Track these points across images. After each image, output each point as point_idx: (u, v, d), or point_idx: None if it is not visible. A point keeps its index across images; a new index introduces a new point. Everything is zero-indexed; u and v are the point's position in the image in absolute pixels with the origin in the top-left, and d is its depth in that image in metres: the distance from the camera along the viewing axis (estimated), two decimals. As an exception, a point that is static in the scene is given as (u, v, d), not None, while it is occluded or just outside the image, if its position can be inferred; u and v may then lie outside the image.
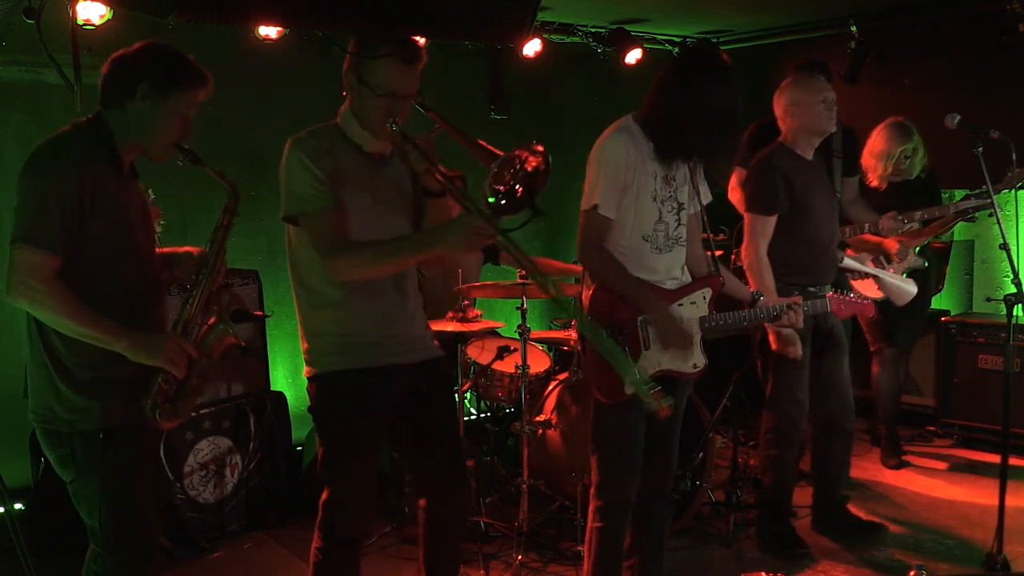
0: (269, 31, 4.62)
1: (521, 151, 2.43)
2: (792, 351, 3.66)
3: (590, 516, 3.04)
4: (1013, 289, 3.55)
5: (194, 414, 4.05)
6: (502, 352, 4.18)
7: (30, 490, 4.00)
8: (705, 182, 3.06)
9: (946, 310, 5.75)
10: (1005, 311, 3.58)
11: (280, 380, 5.08)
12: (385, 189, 2.65)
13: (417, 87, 2.59)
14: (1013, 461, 4.21)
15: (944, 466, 5.09)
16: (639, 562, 3.13)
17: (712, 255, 3.13)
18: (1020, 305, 3.55)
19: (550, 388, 4.26)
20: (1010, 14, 4.96)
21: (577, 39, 5.88)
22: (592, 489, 3.04)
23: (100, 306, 2.36)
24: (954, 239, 5.69)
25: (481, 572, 3.75)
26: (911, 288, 4.37)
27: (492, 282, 4.38)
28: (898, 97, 4.17)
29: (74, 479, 2.45)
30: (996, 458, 4.31)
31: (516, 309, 4.08)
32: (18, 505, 3.99)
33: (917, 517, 4.35)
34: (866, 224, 4.40)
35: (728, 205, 4.72)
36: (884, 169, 4.69)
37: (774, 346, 3.69)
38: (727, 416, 4.40)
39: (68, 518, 2.72)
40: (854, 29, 5.58)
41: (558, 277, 4.90)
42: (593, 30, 5.89)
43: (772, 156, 3.74)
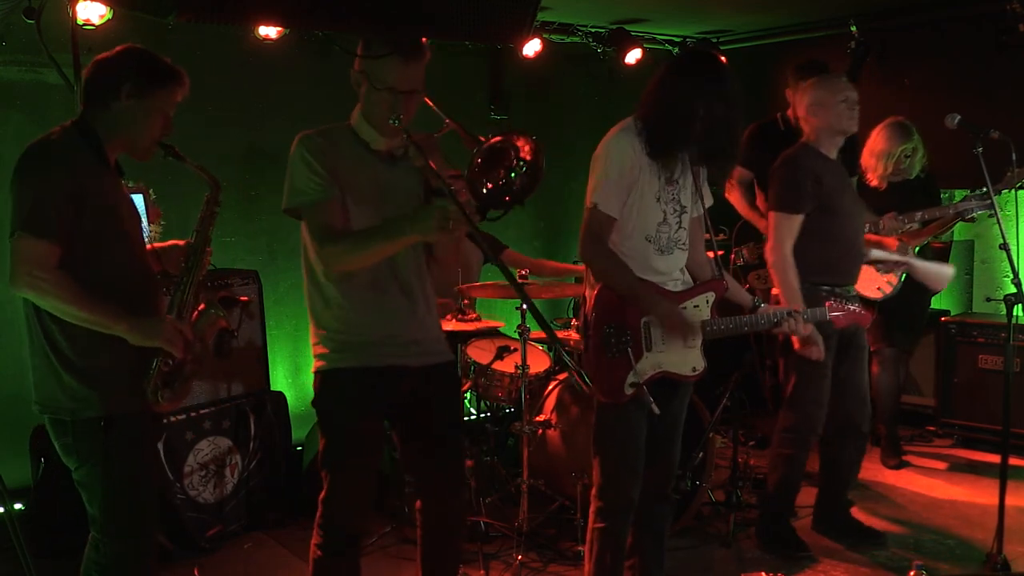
0: (269, 31, 4.61)
1: (513, 143, 2.41)
2: (815, 352, 3.62)
3: (591, 517, 3.04)
4: (1013, 289, 3.55)
5: (194, 414, 4.06)
6: (502, 352, 4.18)
7: (30, 490, 4.00)
8: (707, 184, 3.06)
9: (946, 310, 5.75)
10: (1005, 311, 3.58)
11: (280, 380, 5.08)
12: (390, 187, 2.65)
13: (419, 84, 2.60)
14: (1013, 461, 4.21)
15: (944, 466, 5.09)
16: (640, 562, 3.14)
17: (716, 258, 3.13)
18: (1020, 305, 3.55)
19: (550, 388, 4.26)
20: (1010, 14, 4.96)
21: (577, 39, 5.88)
22: (593, 490, 3.03)
23: (102, 292, 2.44)
24: (954, 239, 5.70)
25: (481, 572, 3.75)
26: (949, 270, 4.26)
27: (492, 282, 4.38)
28: (898, 97, 4.17)
29: (78, 467, 2.52)
30: (996, 458, 4.31)
31: (516, 309, 4.08)
32: (18, 505, 3.99)
33: (917, 517, 4.35)
34: (866, 224, 4.39)
35: (728, 205, 4.72)
36: (884, 169, 4.69)
37: (796, 346, 3.66)
38: (727, 416, 4.39)
39: (68, 518, 2.73)
40: (854, 29, 5.58)
41: (558, 277, 4.91)
42: (593, 30, 5.89)
43: (799, 156, 3.73)
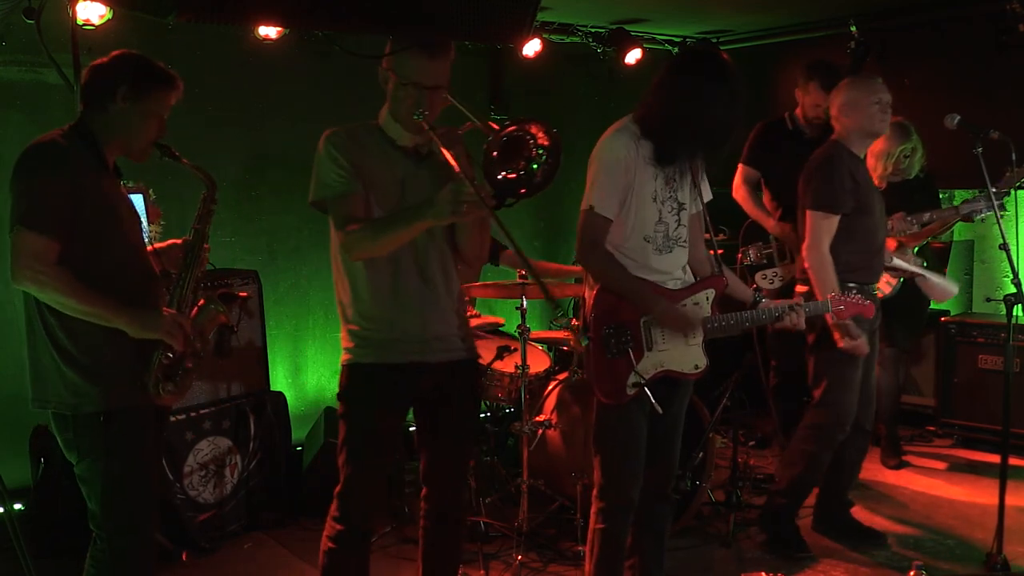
0: (269, 31, 4.61)
1: (528, 131, 2.41)
2: (861, 347, 3.64)
3: (592, 517, 3.04)
4: (1013, 289, 3.55)
5: (194, 414, 4.06)
6: (502, 352, 4.18)
7: (30, 490, 4.00)
8: (706, 181, 3.06)
9: (946, 310, 5.74)
10: (1005, 311, 3.58)
11: (280, 380, 5.08)
12: (415, 182, 2.67)
13: (444, 80, 2.64)
14: (1013, 461, 4.22)
15: (944, 466, 5.09)
16: (640, 562, 3.13)
17: (715, 255, 3.12)
18: (1020, 305, 3.55)
19: (550, 388, 4.26)
20: (1010, 14, 4.96)
21: (577, 39, 5.88)
22: (594, 491, 3.03)
23: (101, 287, 2.48)
24: (954, 239, 5.70)
25: (481, 572, 3.75)
26: (954, 287, 4.35)
27: (492, 282, 4.38)
28: (898, 97, 4.13)
29: (78, 462, 2.55)
30: (996, 458, 4.31)
31: (516, 309, 4.08)
32: (18, 505, 3.99)
33: (917, 517, 4.35)
34: None
35: (728, 204, 4.72)
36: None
37: (841, 344, 3.66)
38: (727, 416, 4.40)
39: (68, 518, 2.73)
40: (854, 29, 5.58)
41: (557, 278, 4.90)
42: (593, 30, 5.89)
43: (836, 155, 3.71)
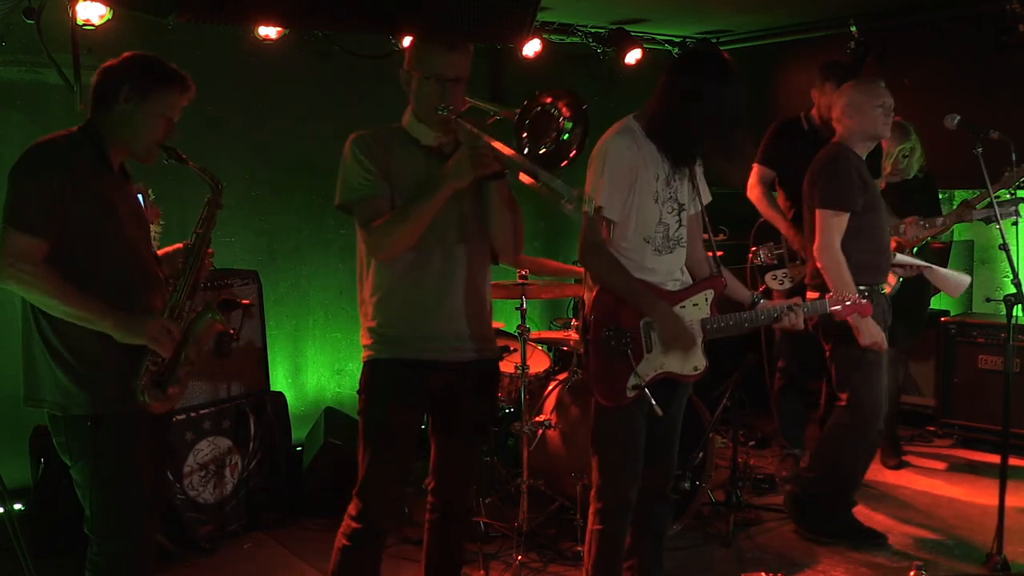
0: (269, 31, 4.61)
1: (553, 105, 2.44)
2: (882, 342, 3.65)
3: (590, 518, 3.04)
4: (1013, 289, 3.55)
5: (194, 414, 4.06)
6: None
7: (30, 490, 4.00)
8: (704, 182, 3.06)
9: (946, 310, 5.74)
10: (1005, 311, 3.58)
11: (280, 380, 5.08)
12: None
13: (464, 73, 2.65)
14: (1013, 461, 4.21)
15: (944, 466, 5.09)
16: (639, 562, 3.13)
17: (714, 256, 3.12)
18: (1020, 305, 3.55)
19: (550, 388, 4.26)
20: (1010, 14, 4.95)
21: (577, 39, 5.88)
22: (592, 491, 3.03)
23: (94, 288, 2.47)
24: (954, 239, 5.69)
25: (481, 572, 3.75)
26: (966, 278, 4.30)
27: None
28: (898, 97, 4.14)
29: (72, 465, 2.54)
30: (996, 458, 4.31)
31: (516, 309, 4.08)
32: (18, 505, 3.99)
33: (917, 517, 4.35)
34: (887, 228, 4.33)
35: (728, 204, 4.71)
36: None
37: (863, 342, 3.66)
38: (727, 416, 4.40)
39: (68, 518, 2.73)
40: (854, 29, 5.58)
41: (557, 278, 4.90)
42: (593, 30, 5.89)
43: (842, 155, 3.74)
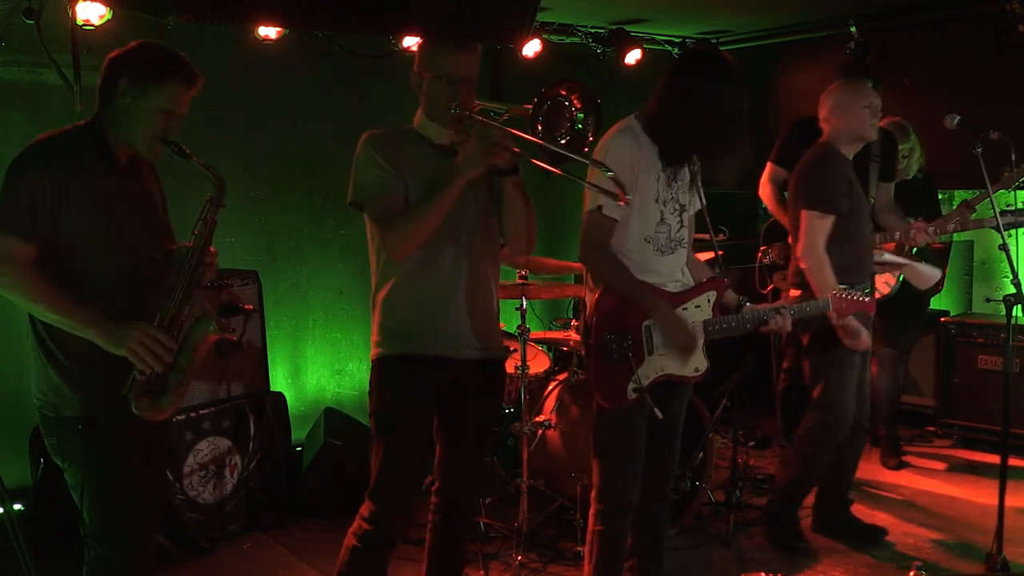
0: (269, 31, 4.61)
1: (563, 96, 2.47)
2: (864, 342, 3.65)
3: (591, 519, 3.03)
4: (1013, 289, 3.55)
5: (193, 414, 4.06)
6: (508, 351, 4.18)
7: (30, 490, 4.00)
8: (699, 183, 3.05)
9: (946, 310, 5.75)
10: (1005, 311, 3.58)
11: (280, 380, 5.08)
12: None
13: (474, 73, 2.66)
14: (1013, 461, 4.22)
15: (944, 466, 5.09)
16: (639, 563, 3.13)
17: (716, 256, 3.13)
18: (1020, 305, 3.55)
19: (550, 388, 4.26)
20: (1010, 14, 4.95)
21: (577, 39, 5.88)
22: (593, 492, 3.03)
23: (86, 293, 2.40)
24: (953, 239, 5.69)
25: (481, 572, 3.75)
26: (935, 272, 4.25)
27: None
28: (898, 97, 4.17)
29: (65, 467, 2.48)
30: (996, 458, 4.31)
31: (516, 309, 4.08)
32: (18, 505, 3.99)
33: (917, 517, 4.35)
34: (897, 232, 4.27)
35: (728, 204, 4.73)
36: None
37: (847, 342, 3.66)
38: (727, 416, 4.40)
39: (68, 518, 2.72)
40: (854, 29, 5.57)
41: (557, 275, 4.90)
42: (593, 30, 5.89)
43: (830, 157, 3.75)
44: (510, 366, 4.19)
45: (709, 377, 3.07)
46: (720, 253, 3.19)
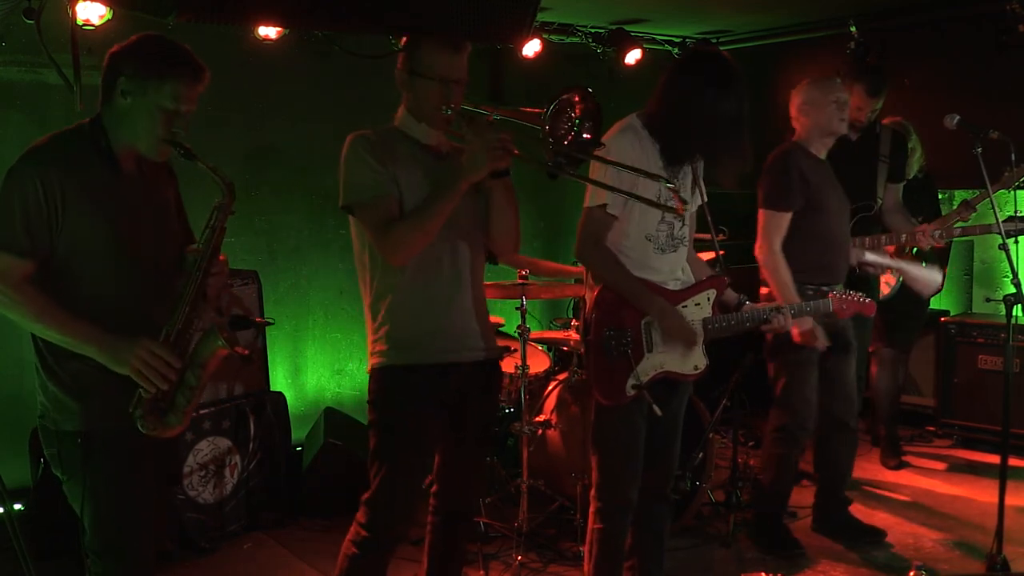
0: (269, 31, 4.61)
1: (566, 95, 2.44)
2: (820, 342, 3.64)
3: (590, 518, 3.04)
4: (1013, 289, 3.55)
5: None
6: (502, 352, 4.18)
7: (30, 490, 4.00)
8: (702, 181, 3.06)
9: (946, 310, 5.75)
10: (1005, 311, 3.58)
11: (280, 380, 5.08)
12: (442, 180, 2.64)
13: (466, 74, 2.64)
14: (1013, 461, 4.22)
15: (944, 466, 5.09)
16: (639, 563, 3.13)
17: (717, 255, 3.13)
18: (1020, 305, 3.55)
19: (550, 388, 4.26)
20: (1010, 14, 4.95)
21: (577, 39, 5.88)
22: (592, 491, 3.03)
23: (85, 308, 2.29)
24: (954, 239, 5.69)
25: (481, 572, 3.75)
26: (938, 276, 4.20)
27: (492, 282, 4.37)
28: (898, 97, 4.17)
29: (65, 480, 2.40)
30: (996, 458, 4.31)
31: (516, 309, 4.08)
32: (18, 505, 3.99)
33: (917, 517, 4.35)
34: (903, 235, 4.26)
35: (730, 204, 4.71)
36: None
37: (798, 339, 3.66)
38: (727, 416, 4.40)
39: (68, 519, 2.72)
40: (854, 29, 5.58)
41: (556, 278, 4.90)
42: (593, 30, 5.89)
43: (789, 154, 3.75)
44: (510, 366, 4.21)
45: (709, 377, 3.08)
46: (721, 253, 3.20)
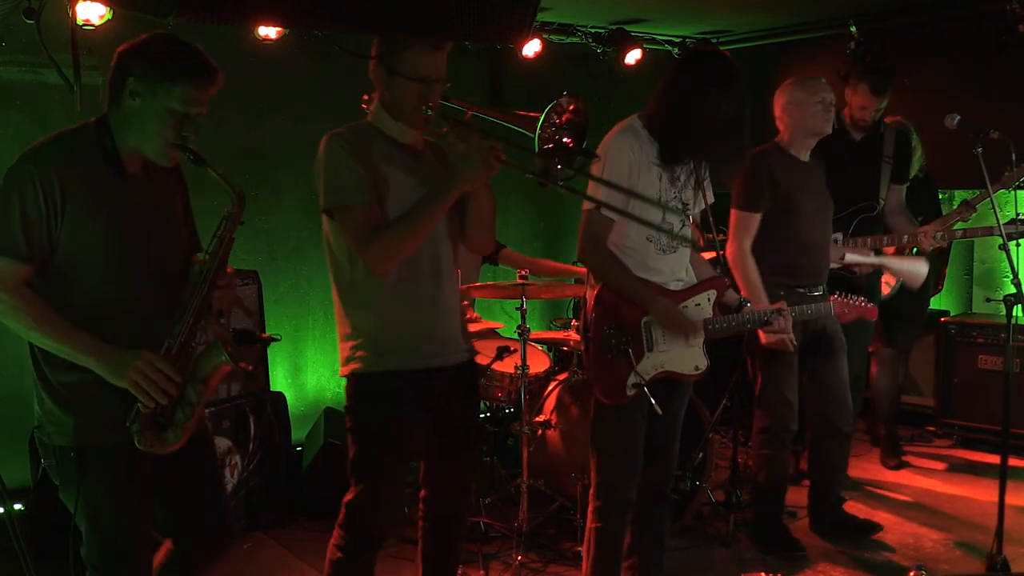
0: (269, 31, 4.61)
1: (556, 105, 2.44)
2: (787, 343, 3.62)
3: (589, 516, 3.04)
4: (1013, 289, 3.55)
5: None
6: (502, 352, 4.18)
7: (30, 490, 4.00)
8: (709, 183, 3.06)
9: (946, 310, 5.75)
10: (1005, 311, 3.58)
11: (280, 380, 5.08)
12: (425, 179, 2.63)
13: (445, 72, 2.62)
14: (1013, 461, 4.22)
15: (944, 466, 5.09)
16: (639, 562, 3.14)
17: (719, 256, 3.14)
18: (1020, 305, 3.55)
19: (550, 388, 4.26)
20: (1010, 14, 4.95)
21: (577, 39, 5.88)
22: (591, 490, 3.04)
23: (82, 315, 2.24)
24: (954, 240, 5.69)
25: (481, 572, 3.75)
26: (923, 267, 4.15)
27: (492, 282, 4.38)
28: (898, 97, 4.17)
29: (62, 490, 2.36)
30: (996, 458, 4.31)
31: (516, 309, 4.08)
32: (18, 505, 3.99)
33: (917, 517, 4.35)
34: (905, 236, 4.25)
35: (729, 204, 4.72)
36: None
37: (764, 340, 3.67)
38: (727, 416, 4.40)
39: (68, 519, 2.71)
40: (854, 29, 5.58)
41: (557, 277, 4.90)
42: (593, 30, 5.89)
43: (761, 155, 3.75)
44: (510, 366, 4.22)
45: (709, 377, 3.08)
46: (722, 253, 3.20)
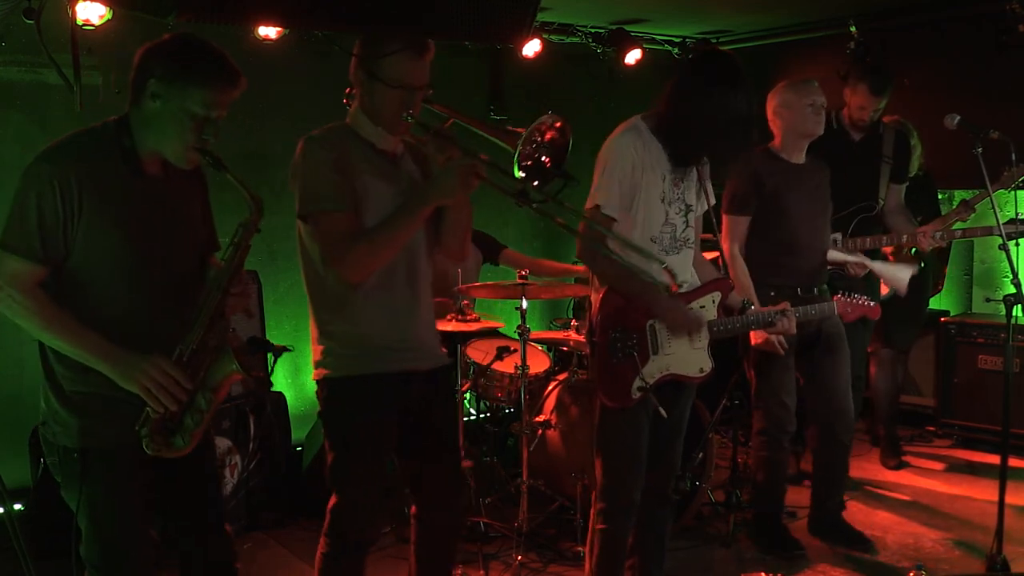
0: (269, 31, 4.61)
1: (539, 123, 2.42)
2: (778, 349, 3.64)
3: (592, 518, 3.04)
4: (1013, 289, 3.55)
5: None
6: (502, 352, 4.18)
7: (30, 490, 4.00)
8: (710, 184, 3.06)
9: (946, 310, 5.75)
10: (1005, 311, 3.58)
11: (280, 380, 5.08)
12: (403, 187, 2.61)
13: (428, 79, 2.59)
14: (1013, 461, 4.22)
15: (944, 466, 5.09)
16: (640, 562, 3.14)
17: (721, 256, 3.14)
18: (1020, 305, 3.55)
19: (550, 388, 4.26)
20: (1010, 14, 4.95)
21: (577, 39, 5.88)
22: (595, 492, 3.03)
23: (93, 316, 2.24)
24: (953, 240, 5.69)
25: (481, 572, 3.75)
26: (904, 273, 4.16)
27: (492, 282, 4.38)
28: (898, 97, 4.17)
29: (64, 489, 2.36)
30: (996, 458, 4.31)
31: (516, 309, 4.08)
32: (18, 505, 3.99)
33: (917, 517, 4.35)
34: (904, 236, 4.24)
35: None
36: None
37: (753, 341, 3.67)
38: (727, 416, 4.40)
39: (68, 519, 2.71)
40: (854, 29, 5.58)
41: (557, 277, 4.90)
42: (593, 30, 5.89)
43: (747, 158, 3.75)
44: (510, 366, 4.22)
45: (709, 377, 3.08)
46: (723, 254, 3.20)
